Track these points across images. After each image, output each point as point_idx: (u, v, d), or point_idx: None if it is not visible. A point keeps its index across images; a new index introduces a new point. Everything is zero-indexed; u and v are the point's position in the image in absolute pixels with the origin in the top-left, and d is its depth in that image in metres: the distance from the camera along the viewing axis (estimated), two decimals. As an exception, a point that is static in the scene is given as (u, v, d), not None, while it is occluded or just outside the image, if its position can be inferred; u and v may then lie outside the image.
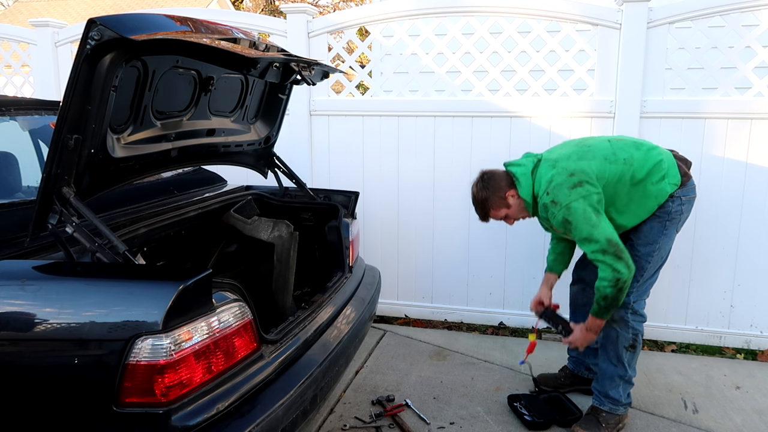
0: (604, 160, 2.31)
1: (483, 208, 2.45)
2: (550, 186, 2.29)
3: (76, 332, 1.39)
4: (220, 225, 2.70)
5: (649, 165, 2.33)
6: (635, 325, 2.43)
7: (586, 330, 2.40)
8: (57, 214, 1.65)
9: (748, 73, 3.10)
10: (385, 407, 2.67)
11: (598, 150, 2.34)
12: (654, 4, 3.12)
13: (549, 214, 2.32)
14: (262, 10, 20.24)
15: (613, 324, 2.43)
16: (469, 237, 3.62)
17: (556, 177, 2.29)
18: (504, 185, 2.42)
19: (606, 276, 2.23)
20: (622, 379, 2.46)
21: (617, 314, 2.41)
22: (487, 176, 2.46)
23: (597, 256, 2.23)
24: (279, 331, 1.87)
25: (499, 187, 2.42)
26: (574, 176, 2.26)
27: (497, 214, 2.46)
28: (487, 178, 2.45)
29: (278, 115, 2.79)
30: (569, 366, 2.84)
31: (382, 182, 3.71)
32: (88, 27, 1.48)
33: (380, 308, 3.52)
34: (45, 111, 2.55)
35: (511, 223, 2.52)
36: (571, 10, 3.24)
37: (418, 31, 3.55)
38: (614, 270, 2.20)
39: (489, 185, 2.43)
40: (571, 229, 2.27)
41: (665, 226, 2.37)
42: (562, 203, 2.25)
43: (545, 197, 2.31)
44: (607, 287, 2.24)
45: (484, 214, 2.48)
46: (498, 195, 2.42)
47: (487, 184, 2.44)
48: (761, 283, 3.24)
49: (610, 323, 2.44)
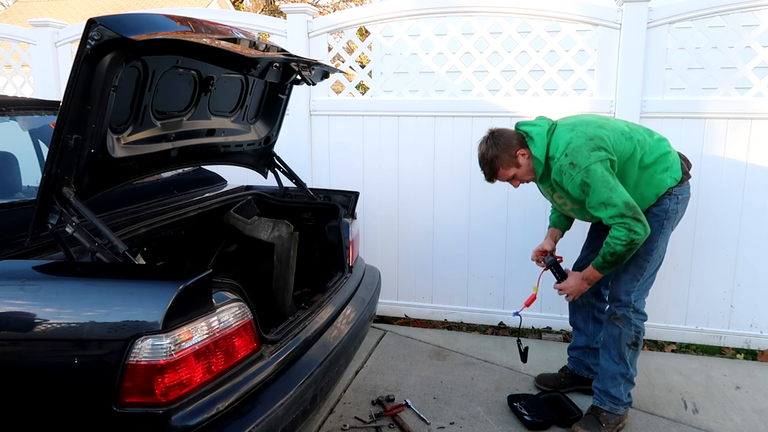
0: (621, 134, 2.31)
1: (492, 166, 2.38)
2: (569, 147, 2.25)
3: (76, 332, 1.39)
4: (220, 225, 2.70)
5: (657, 153, 2.35)
6: (637, 322, 2.44)
7: (581, 279, 2.41)
8: (57, 214, 1.65)
9: (748, 73, 3.10)
10: (385, 407, 2.67)
11: (615, 125, 2.36)
12: (654, 4, 3.12)
13: (565, 177, 2.26)
14: (262, 10, 20.24)
15: (615, 322, 2.44)
16: (469, 237, 3.62)
17: (575, 139, 2.26)
18: (515, 143, 2.36)
19: (620, 235, 2.21)
20: (624, 377, 2.46)
21: (619, 312, 2.43)
22: (498, 133, 2.38)
23: (616, 220, 2.21)
24: (279, 331, 1.87)
25: (510, 145, 2.35)
26: (593, 141, 2.24)
27: (506, 173, 2.39)
28: (498, 135, 2.38)
29: (278, 115, 2.79)
30: (569, 366, 2.84)
31: (382, 182, 3.71)
32: (88, 27, 1.48)
33: (380, 308, 3.52)
34: (45, 111, 2.54)
35: (516, 185, 2.46)
36: (571, 10, 3.24)
37: (418, 31, 3.55)
38: (631, 231, 2.20)
39: (499, 142, 2.36)
40: (589, 192, 2.22)
41: (662, 225, 2.39)
42: (581, 166, 2.21)
43: (563, 159, 2.26)
44: (618, 245, 2.22)
45: (492, 173, 2.40)
46: (509, 153, 2.35)
47: (497, 140, 2.36)
48: (761, 283, 3.24)
49: (613, 321, 2.45)
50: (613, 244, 2.24)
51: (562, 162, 2.26)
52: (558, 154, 2.29)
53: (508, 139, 2.36)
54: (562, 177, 2.28)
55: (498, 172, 2.39)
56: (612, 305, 2.48)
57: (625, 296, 2.43)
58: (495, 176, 2.41)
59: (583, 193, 2.25)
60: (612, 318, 2.46)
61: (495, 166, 2.37)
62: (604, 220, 2.25)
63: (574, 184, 2.25)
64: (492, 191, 3.52)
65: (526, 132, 2.38)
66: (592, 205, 2.25)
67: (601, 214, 2.24)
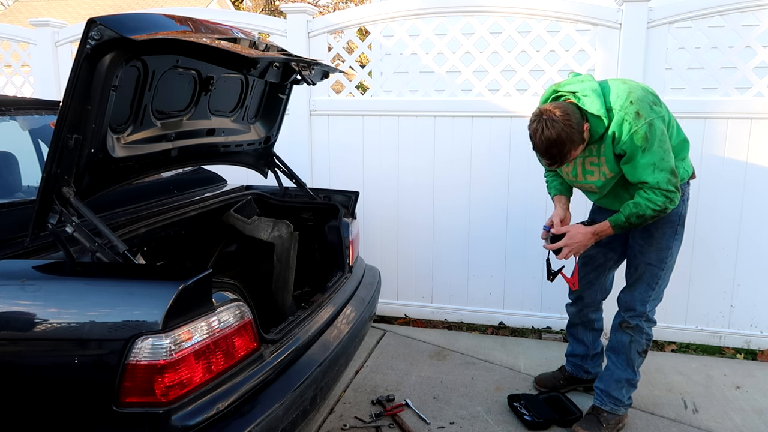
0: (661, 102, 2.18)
1: (564, 148, 2.06)
2: (633, 96, 2.07)
3: (76, 332, 1.39)
4: (220, 225, 2.70)
5: (680, 138, 2.26)
6: (648, 331, 2.41)
7: (591, 234, 2.22)
8: (57, 213, 1.65)
9: (748, 73, 3.10)
10: (385, 407, 2.67)
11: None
12: (654, 4, 3.12)
13: (625, 127, 2.05)
14: (262, 10, 20.24)
15: (627, 330, 2.40)
16: (469, 237, 3.62)
17: (634, 90, 2.09)
18: (580, 118, 2.08)
19: (657, 201, 2.07)
20: (628, 382, 2.44)
21: (633, 322, 2.38)
22: (562, 111, 2.05)
23: (661, 185, 2.06)
24: (279, 331, 1.87)
25: (578, 122, 2.07)
26: (651, 95, 2.11)
27: (575, 153, 2.12)
28: (563, 113, 2.05)
29: (278, 115, 2.79)
30: (568, 369, 2.83)
31: (382, 182, 3.71)
32: (88, 27, 1.48)
33: (380, 308, 3.52)
34: (45, 111, 2.54)
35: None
36: (571, 10, 3.24)
37: (418, 31, 3.54)
38: (668, 199, 2.08)
39: (572, 121, 2.04)
40: (645, 149, 2.04)
41: (676, 231, 2.31)
42: (646, 118, 2.04)
43: (629, 107, 2.05)
44: (650, 209, 2.09)
45: (562, 157, 2.09)
46: (580, 131, 2.07)
47: (570, 119, 2.04)
48: (761, 283, 3.24)
49: (624, 329, 2.40)
50: (645, 206, 2.09)
51: (627, 110, 2.05)
52: (621, 102, 2.07)
53: (573, 115, 2.07)
54: (622, 128, 2.07)
55: (570, 154, 2.10)
56: (626, 314, 2.40)
57: (640, 306, 2.37)
58: (566, 158, 2.11)
59: (638, 149, 2.05)
60: (624, 327, 2.41)
61: (568, 148, 2.07)
62: (649, 183, 2.07)
63: (635, 137, 2.04)
64: (492, 191, 3.52)
65: (571, 91, 2.13)
66: (642, 166, 2.07)
67: (648, 177, 2.07)
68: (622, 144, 2.10)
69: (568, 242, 2.25)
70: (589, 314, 2.68)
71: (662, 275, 2.34)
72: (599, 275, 2.60)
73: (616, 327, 2.45)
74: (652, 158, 2.07)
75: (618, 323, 2.44)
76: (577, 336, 2.75)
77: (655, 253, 2.31)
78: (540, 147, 2.10)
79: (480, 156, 3.51)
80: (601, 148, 2.18)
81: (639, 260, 2.37)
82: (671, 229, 2.29)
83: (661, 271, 2.34)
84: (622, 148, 2.11)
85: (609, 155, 2.17)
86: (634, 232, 2.36)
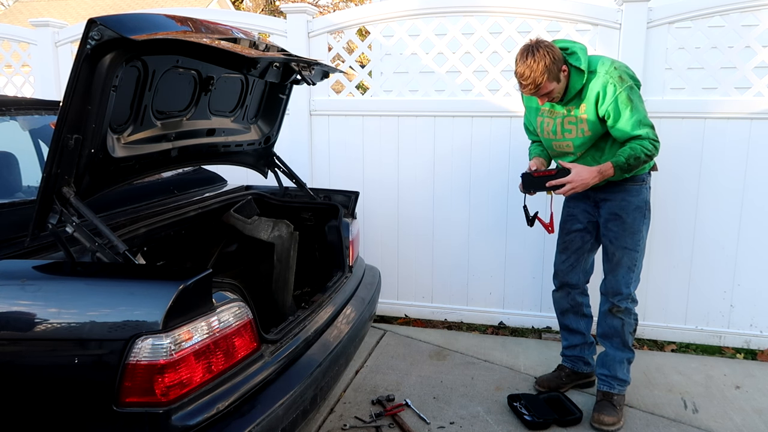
0: None
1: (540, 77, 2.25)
2: (616, 64, 2.34)
3: (77, 332, 1.40)
4: (220, 225, 2.70)
5: None
6: (635, 311, 2.58)
7: (597, 172, 2.35)
8: (57, 213, 1.65)
9: (748, 73, 3.10)
10: (385, 407, 2.67)
11: None
12: (654, 4, 3.12)
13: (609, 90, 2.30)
14: (262, 10, 20.24)
15: (618, 314, 2.54)
16: (469, 237, 3.62)
17: (617, 62, 2.37)
18: (562, 58, 2.33)
19: (647, 146, 2.31)
20: (628, 361, 2.60)
21: (622, 305, 2.53)
22: (548, 44, 2.28)
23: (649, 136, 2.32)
24: (279, 331, 1.87)
25: (560, 59, 2.31)
26: (631, 71, 2.37)
27: (547, 87, 2.31)
28: (550, 45, 2.28)
29: (278, 115, 2.79)
30: (567, 365, 2.84)
31: (382, 182, 3.71)
32: (88, 27, 1.48)
33: (380, 308, 3.52)
34: (45, 111, 2.55)
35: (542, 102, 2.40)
36: (571, 10, 3.24)
37: (418, 31, 3.55)
38: (654, 147, 2.33)
39: (555, 54, 2.27)
40: (630, 109, 2.29)
41: (645, 216, 2.51)
42: (628, 83, 2.31)
43: (613, 72, 2.31)
44: (643, 153, 2.31)
45: (536, 86, 2.28)
46: (558, 66, 2.29)
47: (553, 51, 2.27)
48: (761, 283, 3.24)
49: (615, 314, 2.54)
50: (639, 150, 2.31)
51: (611, 74, 2.31)
52: (606, 68, 2.32)
53: (559, 53, 2.31)
54: (607, 90, 2.31)
55: (542, 85, 2.29)
56: (614, 299, 2.55)
57: (625, 289, 2.53)
58: (538, 89, 2.30)
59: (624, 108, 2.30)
60: (614, 311, 2.55)
61: (544, 78, 2.26)
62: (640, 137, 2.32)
63: (620, 98, 2.29)
64: (492, 191, 3.52)
65: (565, 47, 2.37)
66: (630, 123, 2.31)
67: (638, 132, 2.31)
68: (608, 105, 2.32)
69: (574, 178, 2.37)
70: (576, 297, 2.76)
71: (638, 257, 2.52)
72: (579, 258, 2.72)
73: (606, 313, 2.58)
74: (638, 116, 2.32)
75: (607, 309, 2.57)
76: (571, 326, 2.79)
77: (629, 237, 2.49)
78: (519, 67, 2.29)
79: (480, 156, 3.51)
80: (580, 108, 2.40)
81: (615, 246, 2.53)
82: (640, 213, 2.49)
83: (637, 254, 2.51)
84: (608, 110, 2.33)
85: (591, 114, 2.38)
86: (606, 220, 2.54)
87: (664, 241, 3.31)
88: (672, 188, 3.25)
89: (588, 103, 2.37)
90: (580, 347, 2.80)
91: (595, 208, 2.61)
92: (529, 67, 2.25)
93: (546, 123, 2.54)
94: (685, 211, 3.27)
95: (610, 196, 2.51)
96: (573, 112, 2.42)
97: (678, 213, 3.28)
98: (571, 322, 2.79)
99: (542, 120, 2.56)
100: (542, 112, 2.55)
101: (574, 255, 2.71)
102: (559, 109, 2.47)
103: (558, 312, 2.83)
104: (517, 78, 2.33)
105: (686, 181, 3.24)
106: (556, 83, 2.32)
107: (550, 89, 2.32)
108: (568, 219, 2.72)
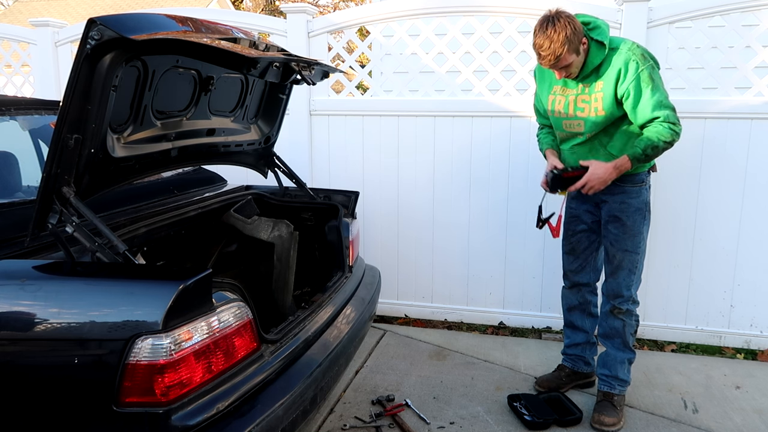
0: None
1: (561, 47, 2.18)
2: (637, 44, 2.30)
3: (76, 332, 1.39)
4: (220, 225, 2.70)
5: None
6: (636, 312, 2.59)
7: (613, 168, 2.33)
8: (57, 213, 1.65)
9: (748, 73, 3.10)
10: (385, 407, 2.67)
11: None
12: (654, 4, 3.12)
13: (631, 67, 2.24)
14: (262, 10, 20.25)
15: (619, 315, 2.54)
16: (469, 237, 3.62)
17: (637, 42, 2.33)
18: (582, 33, 2.26)
19: (666, 133, 2.26)
20: (629, 361, 2.60)
21: (624, 307, 2.53)
22: (567, 14, 2.22)
23: (669, 119, 2.25)
24: (279, 331, 1.87)
25: (580, 30, 2.24)
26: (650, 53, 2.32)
27: (567, 59, 2.24)
28: (568, 15, 2.21)
29: (278, 115, 2.79)
30: (567, 364, 2.84)
31: (382, 182, 3.71)
32: (88, 27, 1.48)
33: (380, 308, 3.52)
34: (45, 111, 2.55)
35: (560, 76, 2.35)
36: (571, 9, 3.22)
37: (418, 30, 3.54)
38: (674, 132, 2.26)
39: (575, 25, 2.21)
40: (651, 88, 2.24)
41: (645, 217, 2.49)
42: (650, 61, 2.27)
43: (636, 49, 2.27)
44: (662, 141, 2.26)
45: (557, 57, 2.21)
46: (579, 38, 2.23)
47: (573, 22, 2.21)
48: (761, 282, 3.24)
49: (617, 315, 2.54)
50: (657, 138, 2.26)
51: (633, 52, 2.26)
52: (629, 45, 2.28)
53: (579, 25, 2.25)
54: (629, 67, 2.25)
55: (562, 57, 2.22)
56: (615, 301, 2.55)
57: (626, 291, 2.52)
58: (558, 60, 2.23)
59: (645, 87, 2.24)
60: (616, 313, 2.55)
61: (564, 49, 2.19)
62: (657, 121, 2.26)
63: (642, 75, 2.24)
64: (492, 191, 3.52)
65: (587, 22, 2.31)
66: (651, 104, 2.25)
67: (658, 113, 2.25)
68: (629, 84, 2.26)
69: (590, 177, 2.35)
70: (586, 295, 2.76)
71: (639, 259, 2.51)
72: (587, 257, 2.71)
73: (607, 314, 2.59)
74: (659, 96, 2.26)
75: (608, 310, 2.58)
76: (576, 323, 2.79)
77: (630, 240, 2.47)
78: (539, 38, 2.22)
79: (480, 156, 3.51)
80: (596, 85, 2.34)
81: (616, 249, 2.51)
82: (640, 215, 2.47)
83: (638, 256, 2.50)
84: (628, 89, 2.27)
85: (609, 91, 2.32)
86: (606, 222, 2.53)
87: (664, 241, 3.31)
88: (672, 188, 3.25)
89: (606, 81, 2.31)
90: (582, 346, 2.80)
91: (597, 208, 2.60)
92: (549, 37, 2.18)
93: (558, 101, 2.48)
94: (685, 211, 3.27)
95: (609, 198, 2.49)
96: (588, 90, 2.37)
97: (678, 213, 3.27)
98: (577, 319, 2.78)
99: (554, 98, 2.50)
100: (554, 90, 2.50)
101: (582, 255, 2.69)
102: (572, 86, 2.42)
103: (565, 308, 2.81)
104: (535, 50, 2.26)
105: (686, 181, 3.24)
106: (575, 56, 2.26)
107: (570, 61, 2.26)
108: (572, 220, 2.69)
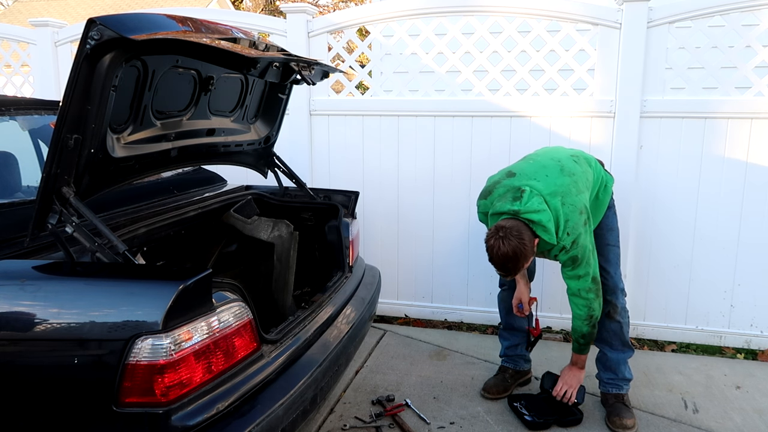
0: (586, 188, 2.42)
1: (518, 262, 2.22)
2: (569, 226, 2.29)
3: (76, 332, 1.39)
4: (220, 225, 2.70)
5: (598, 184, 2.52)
6: (626, 306, 2.61)
7: (578, 369, 2.55)
8: (57, 213, 1.65)
9: (748, 73, 3.10)
10: (385, 407, 2.67)
11: (580, 178, 2.39)
12: (654, 4, 3.12)
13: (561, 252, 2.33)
14: (262, 9, 20.25)
15: (615, 316, 2.56)
16: (469, 237, 3.62)
17: (570, 216, 2.29)
18: (530, 234, 2.25)
19: (581, 314, 2.41)
20: (629, 358, 2.64)
21: (620, 303, 2.56)
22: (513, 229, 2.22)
23: (582, 293, 2.38)
24: (279, 331, 1.87)
25: (528, 237, 2.23)
26: (583, 214, 2.33)
27: (526, 264, 2.28)
28: (515, 230, 2.21)
29: (278, 115, 2.79)
30: (509, 365, 2.86)
31: (382, 181, 3.71)
32: (87, 27, 1.48)
33: (380, 308, 3.52)
34: (45, 111, 2.54)
35: None
36: (571, 9, 3.24)
37: (418, 30, 3.54)
38: (590, 308, 2.39)
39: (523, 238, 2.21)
40: (577, 266, 2.34)
41: (614, 211, 2.63)
42: (579, 242, 2.31)
43: (566, 238, 2.29)
44: (583, 326, 2.43)
45: (516, 269, 2.26)
46: (530, 246, 2.23)
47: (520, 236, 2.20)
48: (761, 282, 3.24)
49: (613, 316, 2.56)
50: (579, 327, 2.44)
51: (565, 241, 2.31)
52: (561, 232, 2.29)
53: (522, 232, 2.22)
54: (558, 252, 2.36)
55: (522, 266, 2.27)
56: (610, 297, 2.55)
57: (620, 282, 2.59)
58: (517, 271, 2.28)
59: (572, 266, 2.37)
60: (612, 314, 2.56)
61: (521, 262, 2.24)
62: (571, 289, 2.40)
63: (567, 257, 2.35)
64: (492, 191, 3.51)
65: (531, 220, 2.26)
66: (570, 275, 2.39)
67: (573, 284, 2.39)
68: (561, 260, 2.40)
69: (571, 384, 2.56)
70: None
71: (619, 252, 2.63)
72: None
73: (603, 319, 2.57)
74: (579, 271, 2.36)
75: (604, 315, 2.56)
76: (515, 325, 2.82)
77: (610, 234, 2.60)
78: (497, 261, 2.27)
79: (480, 155, 3.51)
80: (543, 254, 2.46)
81: (600, 245, 2.56)
82: (611, 211, 2.61)
83: (618, 249, 2.62)
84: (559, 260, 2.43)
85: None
86: None
87: (664, 241, 3.31)
88: (672, 188, 3.26)
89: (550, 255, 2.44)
90: (520, 346, 2.83)
91: None
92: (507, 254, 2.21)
93: None
94: (685, 211, 3.27)
95: None
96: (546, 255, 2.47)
97: (678, 213, 3.27)
98: (515, 320, 2.80)
99: None
100: None
101: None
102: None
103: (503, 312, 2.84)
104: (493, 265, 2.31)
105: (686, 181, 3.24)
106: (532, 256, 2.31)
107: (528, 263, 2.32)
108: None
